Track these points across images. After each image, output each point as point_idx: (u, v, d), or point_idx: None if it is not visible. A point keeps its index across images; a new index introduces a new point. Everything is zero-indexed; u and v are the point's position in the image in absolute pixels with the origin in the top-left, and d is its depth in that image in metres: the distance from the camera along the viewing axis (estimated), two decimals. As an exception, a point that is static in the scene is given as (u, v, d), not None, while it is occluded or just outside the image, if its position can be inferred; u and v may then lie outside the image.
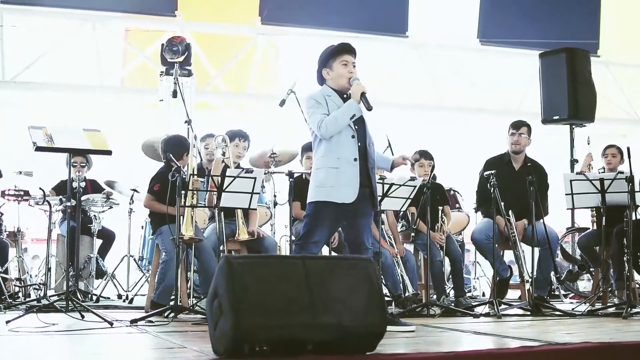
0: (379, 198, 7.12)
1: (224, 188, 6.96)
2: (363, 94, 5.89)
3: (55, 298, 6.96)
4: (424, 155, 8.53)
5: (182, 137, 7.83)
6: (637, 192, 7.54)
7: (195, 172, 7.30)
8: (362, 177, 5.97)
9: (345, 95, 6.04)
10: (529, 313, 7.53)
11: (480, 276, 10.71)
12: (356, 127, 6.00)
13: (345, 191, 5.91)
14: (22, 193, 8.38)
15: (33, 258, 12.63)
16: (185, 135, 7.86)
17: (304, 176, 8.06)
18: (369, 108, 5.89)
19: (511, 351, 4.64)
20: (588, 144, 9.56)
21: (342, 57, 6.07)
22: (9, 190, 8.37)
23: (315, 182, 6.02)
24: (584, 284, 9.94)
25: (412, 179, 7.51)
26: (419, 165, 8.48)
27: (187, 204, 7.00)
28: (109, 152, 6.81)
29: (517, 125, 8.53)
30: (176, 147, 7.71)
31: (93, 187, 9.54)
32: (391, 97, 14.23)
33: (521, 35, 14.25)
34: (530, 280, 7.69)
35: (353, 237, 6.12)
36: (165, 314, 6.74)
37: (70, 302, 6.48)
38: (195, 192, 7.18)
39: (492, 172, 7.60)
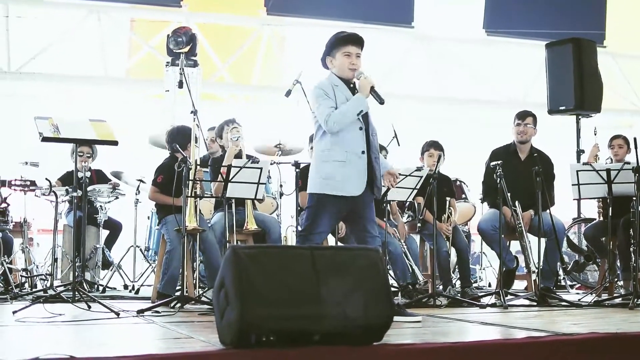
0: (386, 188, 7.13)
1: (230, 179, 6.97)
2: (372, 88, 5.87)
3: (62, 288, 6.98)
4: (434, 145, 8.53)
5: (186, 127, 7.81)
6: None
7: (199, 163, 7.30)
8: (367, 170, 5.97)
9: (352, 85, 6.02)
10: (535, 304, 7.52)
11: (486, 267, 10.71)
12: (362, 118, 6.00)
13: (353, 184, 5.91)
14: (28, 183, 8.38)
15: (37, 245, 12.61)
16: (190, 126, 7.84)
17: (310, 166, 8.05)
18: (382, 102, 5.87)
19: (517, 342, 4.64)
20: (595, 134, 9.51)
21: (345, 48, 6.03)
22: (15, 180, 8.37)
23: (321, 174, 5.99)
24: (593, 275, 9.92)
25: (419, 169, 7.51)
26: (428, 155, 8.49)
27: (190, 195, 6.99)
28: (115, 143, 6.79)
29: (523, 116, 8.50)
30: (181, 137, 7.71)
31: (98, 177, 9.53)
32: (396, 87, 14.21)
33: (527, 25, 14.21)
34: (536, 270, 7.68)
35: (358, 227, 6.11)
36: (172, 305, 6.75)
37: (76, 293, 6.49)
38: (198, 182, 7.19)
39: (499, 162, 7.58)
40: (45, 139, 6.43)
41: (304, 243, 5.89)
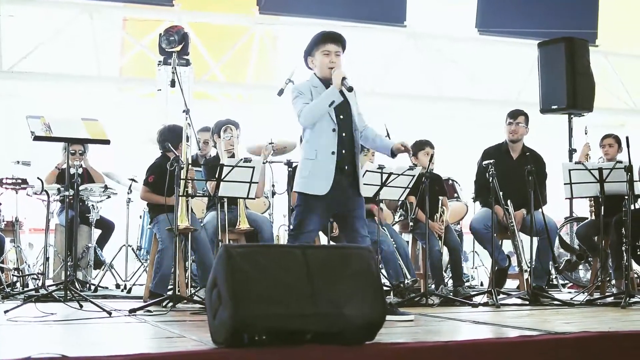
0: (378, 187, 7.15)
1: (222, 178, 6.97)
2: (344, 79, 5.87)
3: (54, 288, 6.96)
4: (429, 144, 8.53)
5: (178, 127, 7.81)
6: (636, 181, 7.54)
7: (190, 162, 7.30)
8: (342, 168, 5.96)
9: (331, 84, 6.02)
10: (527, 302, 7.53)
11: (478, 266, 10.72)
12: (341, 116, 5.99)
13: (318, 183, 5.90)
14: (19, 182, 8.35)
15: (28, 246, 12.57)
16: (182, 125, 7.83)
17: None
18: (350, 89, 5.87)
19: (510, 340, 4.64)
20: (585, 133, 9.54)
21: (324, 47, 6.04)
22: (6, 179, 8.35)
23: (299, 173, 6.06)
24: (585, 274, 9.93)
25: (411, 168, 7.51)
26: (424, 153, 8.45)
27: (182, 194, 6.99)
28: (107, 142, 6.78)
29: (515, 115, 8.52)
30: (173, 136, 7.70)
31: (89, 176, 9.50)
32: (389, 86, 14.22)
33: (520, 24, 14.21)
34: (528, 269, 7.69)
35: (348, 226, 6.13)
36: (164, 304, 6.74)
37: (68, 292, 6.48)
38: (190, 181, 7.19)
39: (491, 161, 7.60)
40: (37, 138, 6.41)
41: (295, 242, 5.90)
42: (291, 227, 6.26)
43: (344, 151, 5.97)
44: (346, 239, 6.19)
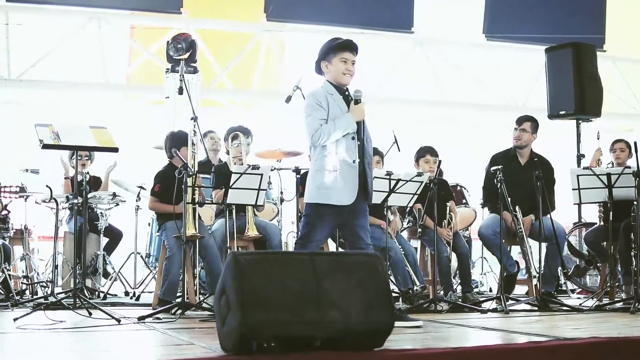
0: (386, 194, 7.16)
1: (230, 185, 6.99)
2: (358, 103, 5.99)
3: (63, 295, 6.97)
4: (430, 151, 8.52)
5: (183, 132, 7.82)
6: (644, 186, 7.51)
7: (197, 168, 7.31)
8: (360, 178, 5.98)
9: (346, 92, 6.07)
10: (536, 308, 7.52)
11: (487, 272, 10.70)
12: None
13: (344, 194, 5.93)
14: (17, 190, 8.38)
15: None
16: (186, 131, 7.83)
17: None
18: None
19: (519, 347, 4.64)
20: (598, 138, 9.52)
21: (342, 54, 6.08)
22: (4, 187, 8.38)
23: (315, 183, 6.03)
24: (593, 279, 9.91)
25: (419, 174, 7.51)
26: (424, 161, 8.46)
27: (189, 201, 7.00)
28: (115, 150, 6.79)
29: (520, 121, 8.53)
30: (178, 141, 7.71)
31: (96, 183, 9.52)
32: (396, 92, 14.21)
33: (527, 30, 14.20)
34: (537, 275, 7.68)
35: (352, 235, 6.14)
36: (173, 311, 6.75)
37: (77, 300, 6.49)
38: (197, 188, 7.21)
39: (499, 167, 7.59)
40: (45, 146, 6.43)
41: (301, 251, 5.91)
42: (299, 235, 6.27)
43: (358, 159, 6.00)
44: (349, 246, 6.21)
